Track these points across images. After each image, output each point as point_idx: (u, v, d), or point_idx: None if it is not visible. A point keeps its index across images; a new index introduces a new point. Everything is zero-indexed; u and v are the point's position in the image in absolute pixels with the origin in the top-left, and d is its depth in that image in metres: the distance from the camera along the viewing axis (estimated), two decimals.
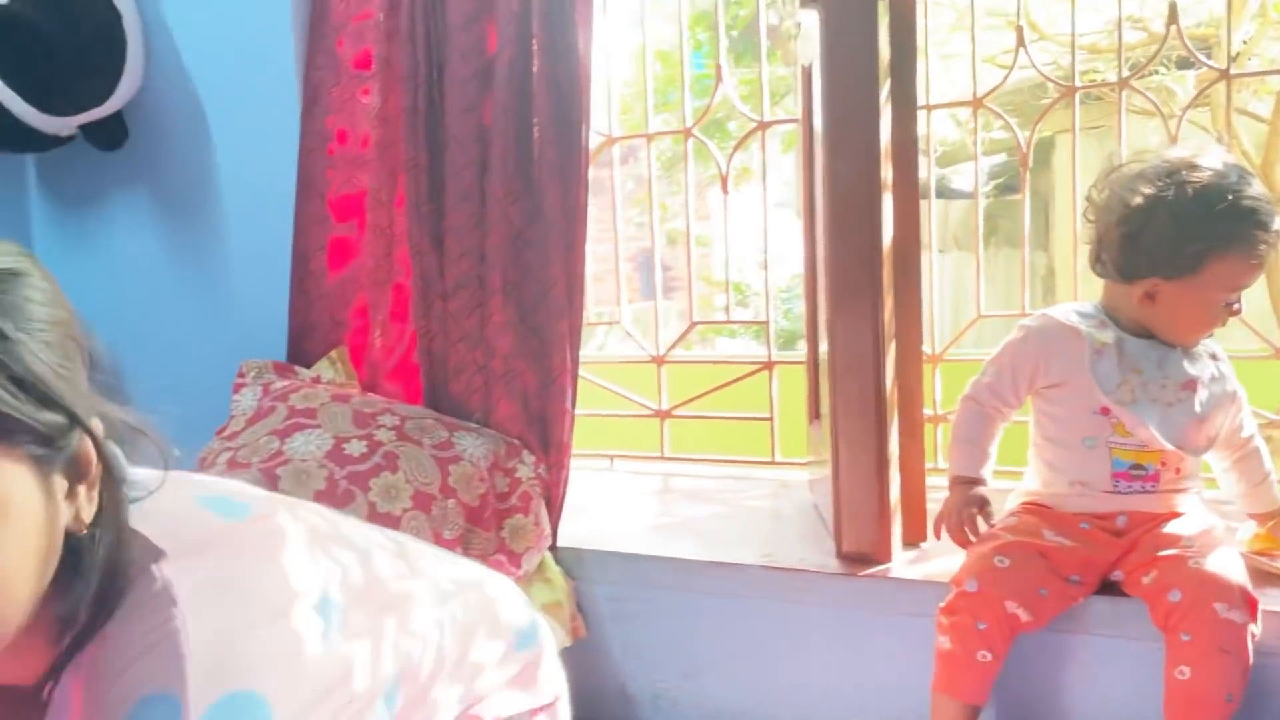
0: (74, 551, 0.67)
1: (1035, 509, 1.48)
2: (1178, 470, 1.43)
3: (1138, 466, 1.42)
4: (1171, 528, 1.39)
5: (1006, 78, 2.04)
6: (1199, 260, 1.35)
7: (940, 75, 3.70)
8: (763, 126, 2.19)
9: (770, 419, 2.24)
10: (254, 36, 1.93)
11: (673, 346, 2.32)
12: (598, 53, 2.22)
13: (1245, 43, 3.20)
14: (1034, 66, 2.01)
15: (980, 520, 1.47)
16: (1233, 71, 1.94)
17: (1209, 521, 1.43)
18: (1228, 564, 1.31)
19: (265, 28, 1.91)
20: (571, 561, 1.76)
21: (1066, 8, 2.06)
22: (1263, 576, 1.40)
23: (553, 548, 1.77)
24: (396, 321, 1.91)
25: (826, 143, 1.58)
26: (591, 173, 2.13)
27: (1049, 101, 2.08)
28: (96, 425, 0.67)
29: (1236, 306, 1.40)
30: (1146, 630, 1.34)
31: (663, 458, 2.34)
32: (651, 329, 2.47)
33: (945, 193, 5.17)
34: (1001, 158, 4.81)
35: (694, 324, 2.41)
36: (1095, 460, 1.44)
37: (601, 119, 2.24)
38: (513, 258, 1.76)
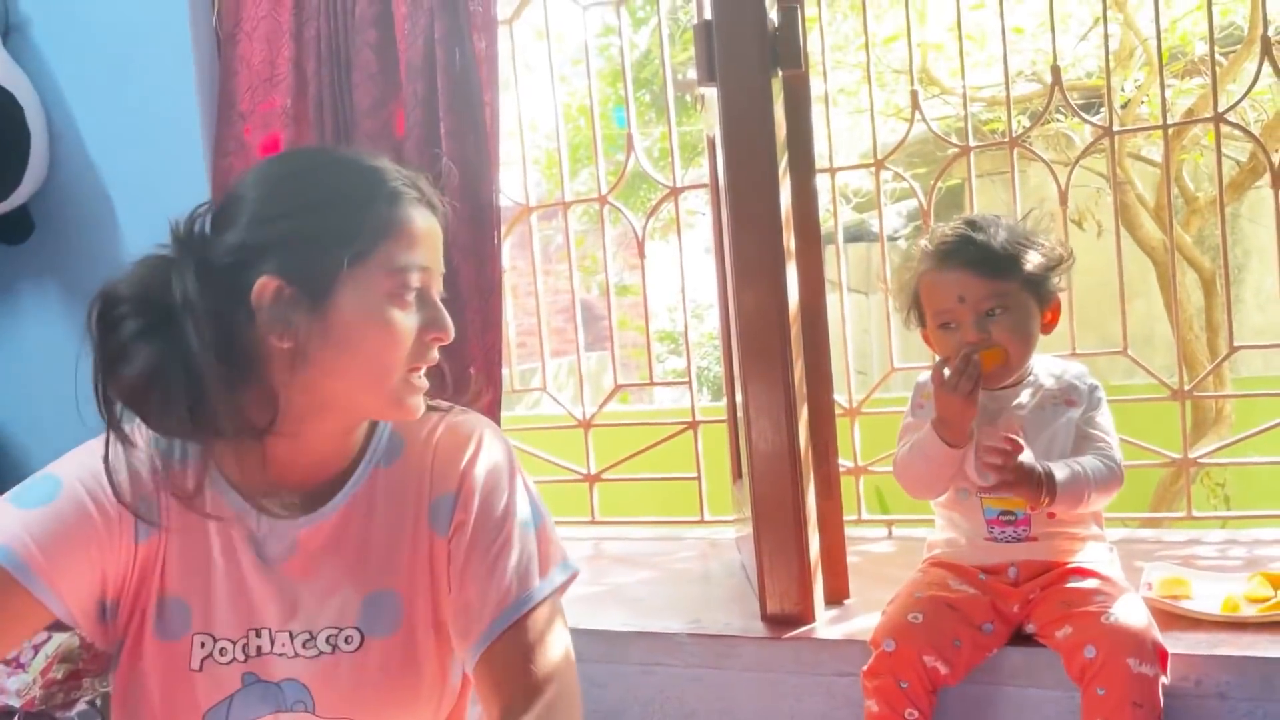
0: None
1: (939, 564, 1.53)
2: (1051, 515, 1.44)
3: (1007, 513, 1.47)
4: (1076, 582, 1.42)
5: (905, 139, 2.12)
6: None
7: (852, 129, 3.81)
8: (675, 193, 2.24)
9: (698, 478, 2.27)
10: (160, 125, 1.94)
11: (597, 411, 2.34)
12: (516, 120, 2.26)
13: (1138, 86, 3.34)
14: (927, 125, 2.08)
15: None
16: (1116, 129, 2.04)
17: (1108, 568, 1.47)
18: (1136, 614, 1.35)
19: (171, 117, 1.92)
20: None
21: (967, 62, 2.14)
22: (1168, 618, 1.45)
23: None
24: None
25: (730, 213, 1.62)
26: (516, 237, 2.16)
27: (953, 154, 2.16)
28: None
29: (954, 327, 1.43)
30: (1060, 680, 1.38)
31: (593, 522, 2.35)
32: (588, 383, 2.49)
33: (866, 236, 5.29)
34: (917, 201, 4.93)
35: (618, 387, 2.44)
36: (970, 509, 1.49)
37: (519, 189, 2.28)
38: None
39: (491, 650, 0.98)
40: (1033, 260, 1.43)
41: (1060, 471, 1.39)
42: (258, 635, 0.99)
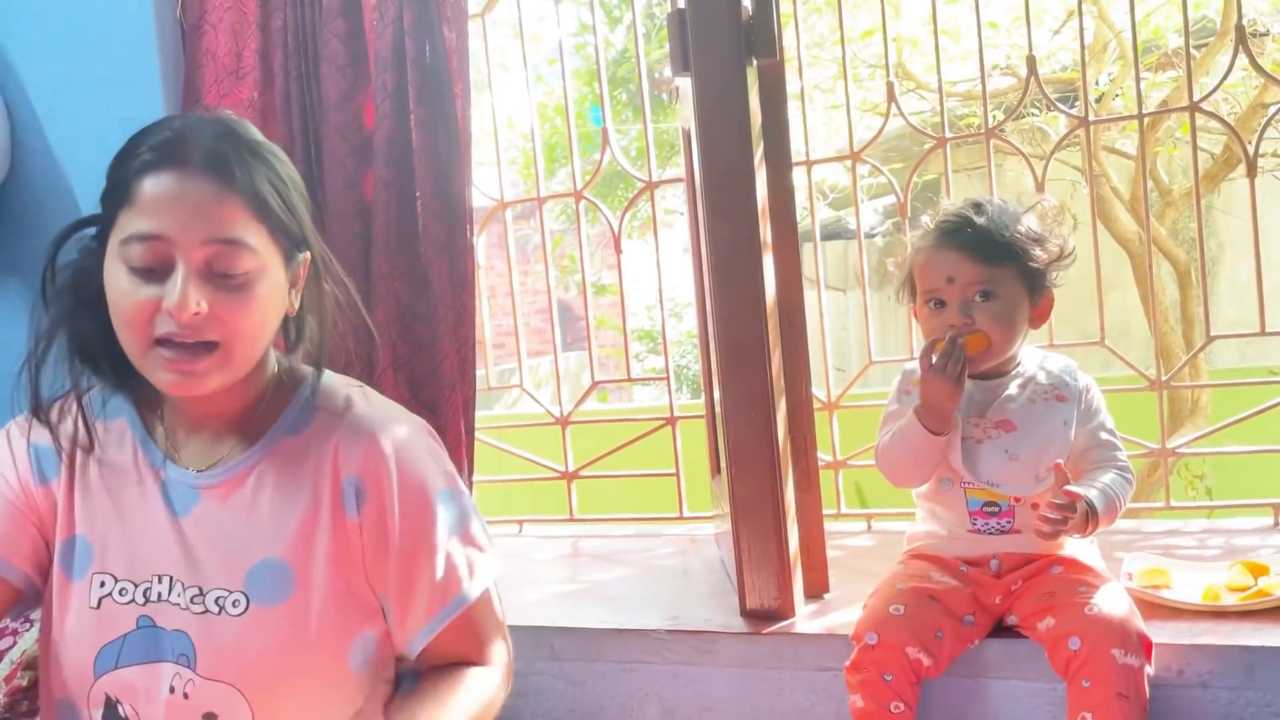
0: (286, 326, 1.07)
1: (920, 556, 1.51)
2: (1035, 507, 1.41)
3: (990, 504, 1.45)
4: (1059, 572, 1.42)
5: (880, 132, 2.10)
6: None
7: (828, 124, 3.80)
8: (651, 187, 2.22)
9: (676, 474, 2.25)
10: (125, 119, 1.87)
11: (574, 408, 2.31)
12: (491, 118, 2.24)
13: (1111, 80, 3.35)
14: (904, 118, 2.07)
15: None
16: (1091, 119, 2.04)
17: (1090, 558, 1.46)
18: (1119, 604, 1.34)
19: (136, 110, 1.86)
20: None
21: (943, 57, 2.13)
22: (1150, 608, 1.44)
23: None
24: None
25: (706, 204, 1.60)
26: (493, 237, 2.13)
27: (929, 146, 2.15)
28: (316, 247, 1.06)
29: (941, 307, 1.43)
30: (1043, 671, 1.37)
31: (572, 519, 2.32)
32: (566, 382, 2.47)
33: (843, 234, 5.29)
34: (893, 198, 4.94)
35: (595, 384, 2.41)
36: (953, 501, 1.48)
37: (494, 187, 2.24)
38: (402, 333, 1.74)
39: (430, 650, 1.05)
40: (1030, 251, 1.41)
41: (1099, 501, 1.37)
42: (159, 581, 1.01)
